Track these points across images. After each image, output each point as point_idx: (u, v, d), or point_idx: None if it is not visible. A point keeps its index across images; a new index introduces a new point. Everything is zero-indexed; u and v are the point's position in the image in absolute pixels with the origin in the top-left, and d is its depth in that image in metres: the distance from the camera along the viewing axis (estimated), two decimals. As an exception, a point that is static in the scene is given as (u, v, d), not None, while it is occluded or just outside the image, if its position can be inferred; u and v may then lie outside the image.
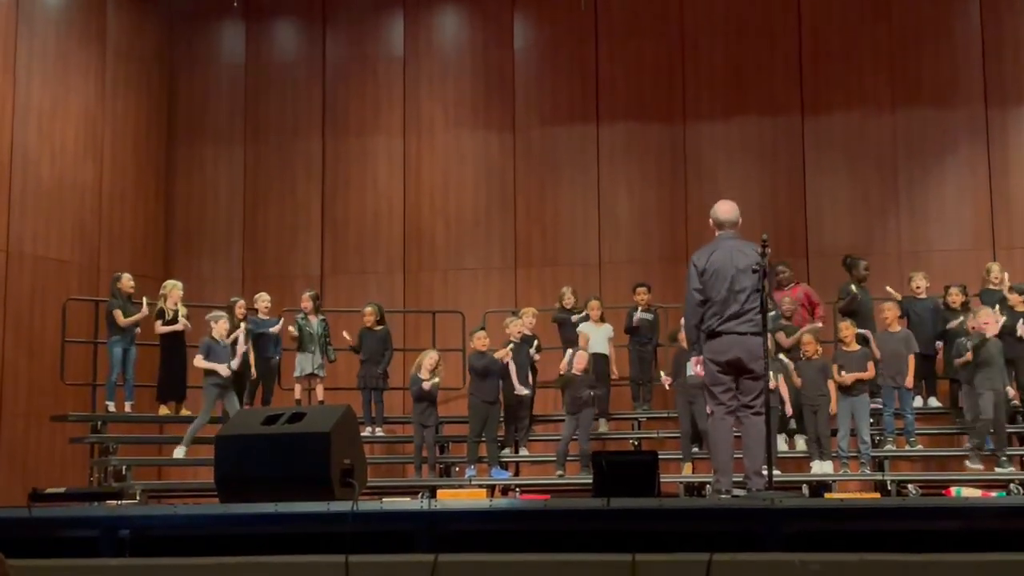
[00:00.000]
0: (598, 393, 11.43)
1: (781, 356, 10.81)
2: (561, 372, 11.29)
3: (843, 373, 10.66)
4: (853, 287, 11.77)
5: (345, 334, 12.02)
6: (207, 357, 10.97)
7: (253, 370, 11.71)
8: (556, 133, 14.38)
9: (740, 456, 7.07)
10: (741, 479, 7.06)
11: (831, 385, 10.69)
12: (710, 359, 7.00)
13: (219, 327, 11.15)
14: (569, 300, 12.31)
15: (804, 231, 13.68)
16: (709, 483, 7.72)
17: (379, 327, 12.21)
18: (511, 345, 11.46)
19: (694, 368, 7.19)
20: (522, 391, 11.41)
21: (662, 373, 11.54)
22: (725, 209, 7.21)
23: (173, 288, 11.76)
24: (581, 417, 11.07)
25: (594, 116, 14.31)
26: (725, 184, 13.78)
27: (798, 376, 10.82)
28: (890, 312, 11.14)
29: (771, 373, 9.87)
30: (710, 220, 7.23)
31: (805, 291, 11.91)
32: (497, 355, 11.25)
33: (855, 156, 13.74)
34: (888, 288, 11.81)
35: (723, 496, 6.82)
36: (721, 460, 7.02)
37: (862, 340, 11.02)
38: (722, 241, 7.13)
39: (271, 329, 11.98)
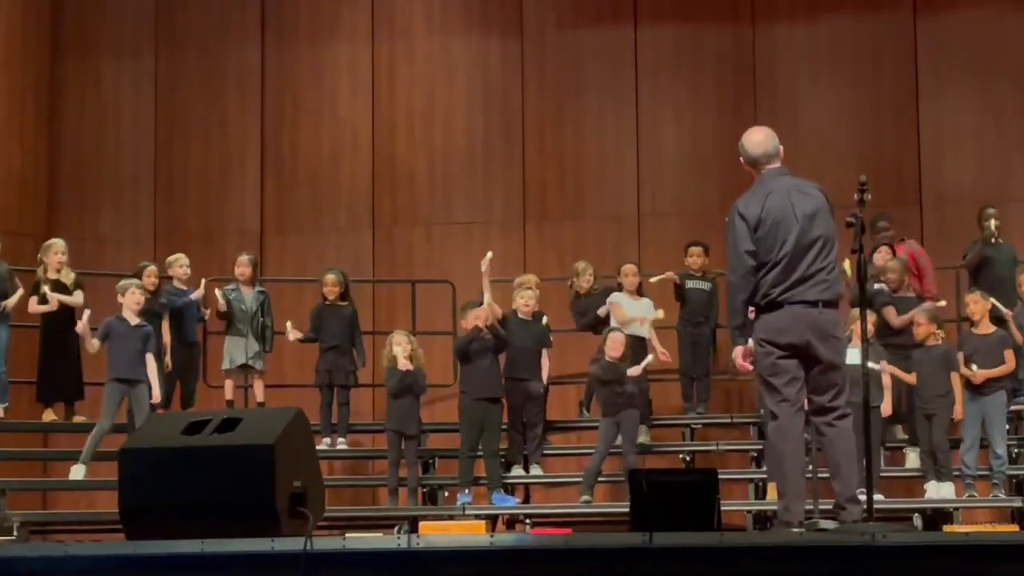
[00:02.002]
0: (642, 387, 11.41)
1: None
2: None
3: (974, 366, 10.62)
4: (982, 245, 11.76)
5: (289, 327, 11.92)
6: (105, 342, 10.98)
7: (168, 359, 11.69)
8: (579, 39, 14.31)
9: (827, 476, 7.07)
10: (831, 507, 7.06)
11: (955, 381, 10.67)
12: (765, 340, 6.88)
13: (128, 300, 11.13)
14: (587, 280, 12.20)
15: (916, 170, 13.60)
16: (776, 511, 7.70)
17: (343, 303, 12.20)
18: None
19: (738, 362, 7.03)
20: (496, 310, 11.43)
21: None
22: (758, 139, 7.04)
23: (49, 250, 11.69)
24: (623, 420, 11.05)
25: (631, 15, 14.22)
26: (808, 107, 13.70)
27: (912, 370, 10.80)
28: None
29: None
30: (740, 159, 7.10)
31: (911, 252, 11.86)
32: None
33: (987, 68, 13.64)
34: None
35: (794, 529, 6.71)
36: (789, 478, 6.91)
37: (997, 319, 10.98)
38: (774, 180, 6.98)
39: (191, 296, 11.90)
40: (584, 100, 14.27)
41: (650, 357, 11.49)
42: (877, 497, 10.34)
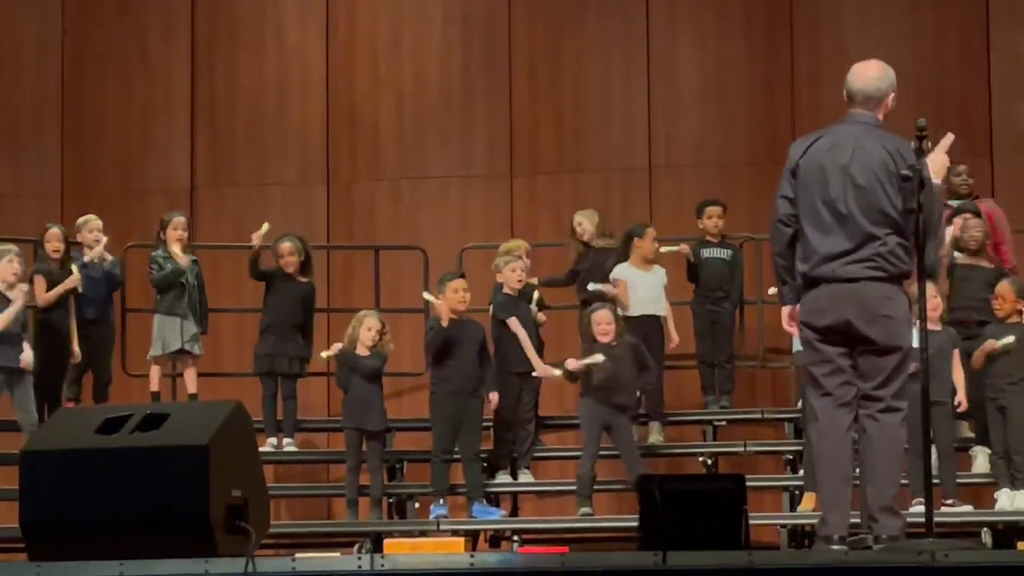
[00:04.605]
0: (646, 382, 11.42)
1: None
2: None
3: None
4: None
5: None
6: None
7: (75, 344, 11.67)
8: (577, -49, 14.32)
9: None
10: (861, 520, 7.12)
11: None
12: (804, 323, 7.08)
13: (2, 270, 11.11)
14: (586, 230, 12.20)
15: (986, 114, 13.63)
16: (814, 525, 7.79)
17: (303, 278, 12.22)
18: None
19: (784, 324, 7.26)
20: (550, 372, 11.42)
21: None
22: (862, 74, 7.20)
23: None
24: (615, 425, 11.08)
25: (641, -79, 14.22)
26: (858, 37, 13.67)
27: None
28: None
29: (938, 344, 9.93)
30: (844, 92, 7.27)
31: (989, 212, 11.89)
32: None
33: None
34: None
35: (834, 546, 6.85)
36: (827, 485, 7.09)
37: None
38: (841, 124, 7.16)
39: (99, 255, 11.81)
40: (584, 27, 14.24)
41: (599, 358, 11.10)
42: (948, 507, 10.47)
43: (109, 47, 14.75)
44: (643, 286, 11.83)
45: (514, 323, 11.52)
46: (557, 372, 11.39)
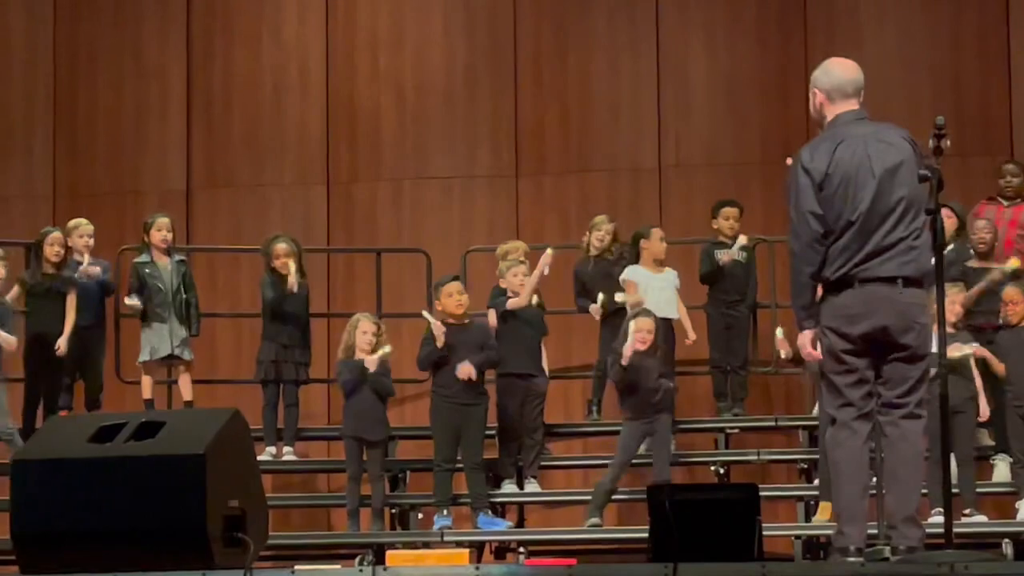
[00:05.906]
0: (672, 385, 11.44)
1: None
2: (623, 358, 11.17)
3: None
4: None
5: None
6: None
7: (62, 344, 11.63)
8: (585, -54, 14.31)
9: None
10: (880, 530, 7.17)
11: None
12: (831, 328, 6.95)
13: None
14: (603, 238, 12.21)
15: (1006, 112, 13.60)
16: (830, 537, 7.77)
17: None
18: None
19: (806, 350, 7.09)
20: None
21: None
22: (842, 68, 7.12)
23: None
24: (657, 427, 11.09)
25: (651, -84, 14.23)
26: (873, 34, 13.68)
27: (997, 357, 10.83)
28: None
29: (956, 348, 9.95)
30: (812, 92, 7.14)
31: None
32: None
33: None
34: None
35: (851, 559, 6.79)
36: (845, 496, 7.01)
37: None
38: (848, 126, 7.04)
39: (91, 271, 11.83)
40: (591, 22, 14.24)
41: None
42: (970, 517, 10.48)
43: (102, 43, 14.77)
44: (654, 288, 11.81)
45: (513, 302, 11.50)
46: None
